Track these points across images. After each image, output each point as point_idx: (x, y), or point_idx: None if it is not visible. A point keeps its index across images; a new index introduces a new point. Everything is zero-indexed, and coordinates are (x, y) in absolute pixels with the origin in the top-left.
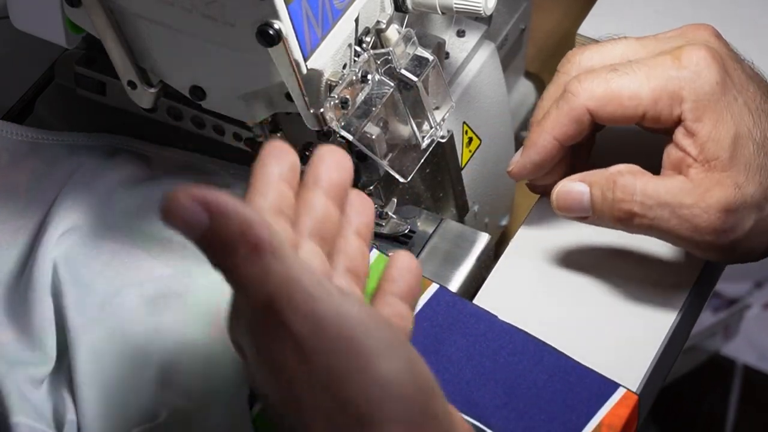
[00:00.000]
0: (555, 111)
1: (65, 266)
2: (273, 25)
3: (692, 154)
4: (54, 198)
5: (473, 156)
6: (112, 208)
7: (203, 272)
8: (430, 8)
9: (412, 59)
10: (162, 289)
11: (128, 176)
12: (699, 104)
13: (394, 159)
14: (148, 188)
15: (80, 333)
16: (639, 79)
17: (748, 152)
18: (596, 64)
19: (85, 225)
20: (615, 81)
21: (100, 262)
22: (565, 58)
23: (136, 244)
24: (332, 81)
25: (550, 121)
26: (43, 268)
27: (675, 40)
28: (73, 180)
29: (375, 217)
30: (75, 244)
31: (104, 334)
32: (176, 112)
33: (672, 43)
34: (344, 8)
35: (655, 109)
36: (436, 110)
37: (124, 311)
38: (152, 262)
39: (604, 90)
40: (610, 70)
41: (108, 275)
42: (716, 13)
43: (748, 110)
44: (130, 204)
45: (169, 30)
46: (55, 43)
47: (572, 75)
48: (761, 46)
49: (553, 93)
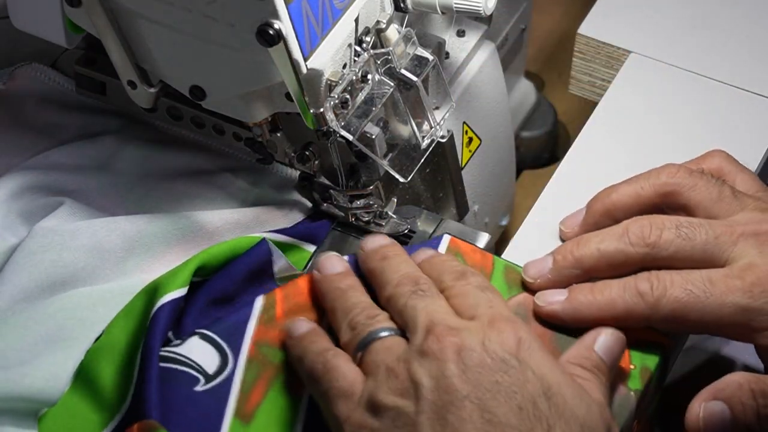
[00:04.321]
0: (617, 288)
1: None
2: (273, 25)
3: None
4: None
5: (473, 156)
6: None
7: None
8: (430, 8)
9: (412, 59)
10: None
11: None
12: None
13: (394, 159)
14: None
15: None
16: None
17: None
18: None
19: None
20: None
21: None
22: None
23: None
24: (332, 81)
25: (607, 287)
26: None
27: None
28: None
29: (375, 216)
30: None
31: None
32: (176, 112)
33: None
34: (344, 8)
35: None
36: (436, 110)
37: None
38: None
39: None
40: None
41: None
42: (716, 13)
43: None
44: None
45: (169, 30)
46: (55, 43)
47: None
48: (760, 46)
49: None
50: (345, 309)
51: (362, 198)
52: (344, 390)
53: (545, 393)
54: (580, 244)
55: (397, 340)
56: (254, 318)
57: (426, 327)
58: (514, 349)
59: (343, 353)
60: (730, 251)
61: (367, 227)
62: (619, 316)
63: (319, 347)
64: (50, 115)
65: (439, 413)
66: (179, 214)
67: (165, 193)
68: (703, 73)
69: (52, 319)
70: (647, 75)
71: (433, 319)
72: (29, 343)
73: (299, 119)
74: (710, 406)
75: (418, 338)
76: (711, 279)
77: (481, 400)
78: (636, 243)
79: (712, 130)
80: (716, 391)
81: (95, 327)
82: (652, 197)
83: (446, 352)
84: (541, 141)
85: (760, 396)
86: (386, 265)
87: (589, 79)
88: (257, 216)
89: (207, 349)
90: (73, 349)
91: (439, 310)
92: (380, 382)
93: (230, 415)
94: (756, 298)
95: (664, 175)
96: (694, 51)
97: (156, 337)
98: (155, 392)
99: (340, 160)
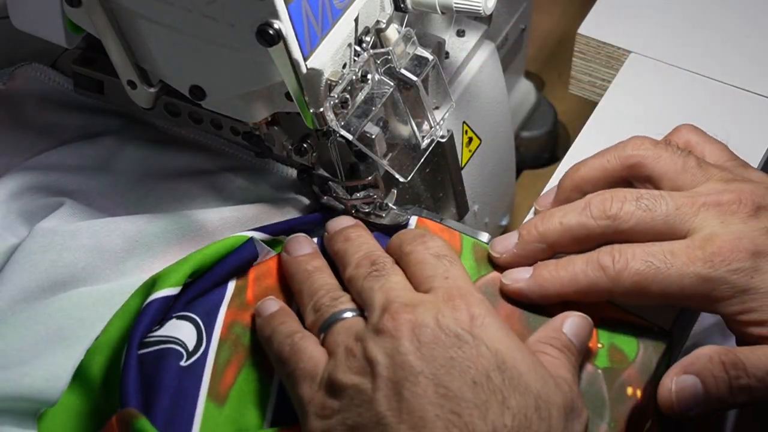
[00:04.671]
0: (581, 263)
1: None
2: (273, 24)
3: (765, 335)
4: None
5: (473, 156)
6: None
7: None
8: (430, 8)
9: (411, 59)
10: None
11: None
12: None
13: (394, 159)
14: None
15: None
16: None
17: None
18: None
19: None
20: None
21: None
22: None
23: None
24: (332, 81)
25: (570, 262)
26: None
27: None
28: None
29: (375, 208)
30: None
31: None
32: (173, 108)
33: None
34: (344, 8)
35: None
36: (436, 110)
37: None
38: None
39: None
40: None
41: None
42: (716, 13)
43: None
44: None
45: (169, 30)
46: (55, 43)
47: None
48: (760, 46)
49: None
50: (311, 291)
51: (361, 189)
52: (308, 371)
53: (499, 367)
54: (544, 219)
55: (357, 320)
56: (227, 299)
57: (382, 306)
58: (467, 324)
59: (311, 335)
60: (691, 222)
61: (368, 219)
62: (582, 290)
63: (288, 329)
64: (50, 115)
65: (395, 389)
66: (179, 214)
67: (165, 193)
68: (703, 73)
69: (52, 319)
70: (647, 75)
71: (389, 297)
72: (29, 343)
73: (299, 118)
74: (682, 380)
75: (374, 317)
76: (672, 251)
77: (436, 375)
78: (597, 216)
79: (712, 130)
80: (687, 365)
81: (95, 327)
82: (618, 169)
83: (401, 329)
84: (541, 141)
85: (731, 368)
86: (348, 246)
87: (589, 79)
88: (257, 215)
89: (185, 326)
90: (74, 349)
91: (394, 287)
92: (339, 362)
93: (204, 396)
94: (716, 267)
95: (630, 147)
96: (694, 51)
97: (138, 329)
98: (133, 381)
99: (339, 160)
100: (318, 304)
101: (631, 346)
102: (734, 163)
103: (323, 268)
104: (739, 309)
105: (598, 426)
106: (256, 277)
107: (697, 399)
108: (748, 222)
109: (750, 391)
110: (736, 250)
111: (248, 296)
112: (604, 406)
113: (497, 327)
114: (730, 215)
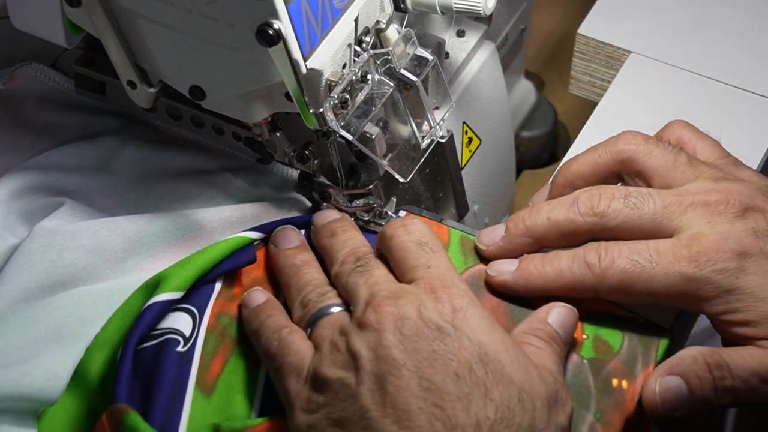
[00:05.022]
0: (566, 260)
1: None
2: (272, 24)
3: (750, 335)
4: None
5: (473, 156)
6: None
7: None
8: (429, 8)
9: (411, 59)
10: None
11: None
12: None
13: (394, 159)
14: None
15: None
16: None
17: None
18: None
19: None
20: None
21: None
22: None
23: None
24: (332, 81)
25: (558, 257)
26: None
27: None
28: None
29: (375, 216)
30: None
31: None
32: (175, 112)
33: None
34: (344, 8)
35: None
36: (436, 110)
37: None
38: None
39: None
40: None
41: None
42: (716, 13)
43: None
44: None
45: (169, 30)
46: (55, 43)
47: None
48: (760, 46)
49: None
50: (298, 286)
51: (361, 198)
52: (294, 365)
53: (482, 359)
54: (531, 213)
55: (343, 315)
56: (216, 290)
57: (366, 299)
58: (450, 316)
59: (298, 330)
60: (678, 221)
61: (367, 227)
62: (567, 286)
63: (275, 324)
64: (50, 115)
65: (379, 383)
66: (179, 213)
67: (165, 193)
68: (703, 73)
69: (52, 318)
70: (647, 75)
71: (373, 291)
72: (29, 342)
73: (299, 119)
74: (666, 381)
75: (358, 311)
76: (658, 249)
77: (419, 368)
78: (585, 212)
79: (712, 130)
80: (672, 366)
81: (95, 325)
82: (610, 164)
83: (383, 322)
84: (541, 141)
85: (715, 368)
86: (334, 241)
87: (589, 79)
88: (257, 215)
89: (183, 317)
90: (74, 347)
91: (378, 280)
92: (324, 356)
93: (192, 385)
94: (702, 267)
95: (621, 141)
96: (693, 51)
97: (137, 330)
98: (125, 380)
99: (339, 160)
100: (305, 300)
101: (615, 338)
102: (726, 161)
103: (311, 262)
104: (724, 309)
105: (585, 417)
106: (245, 269)
107: (681, 400)
108: (735, 222)
109: (734, 392)
110: (722, 251)
111: (236, 287)
112: (590, 397)
113: (480, 318)
114: (717, 215)
